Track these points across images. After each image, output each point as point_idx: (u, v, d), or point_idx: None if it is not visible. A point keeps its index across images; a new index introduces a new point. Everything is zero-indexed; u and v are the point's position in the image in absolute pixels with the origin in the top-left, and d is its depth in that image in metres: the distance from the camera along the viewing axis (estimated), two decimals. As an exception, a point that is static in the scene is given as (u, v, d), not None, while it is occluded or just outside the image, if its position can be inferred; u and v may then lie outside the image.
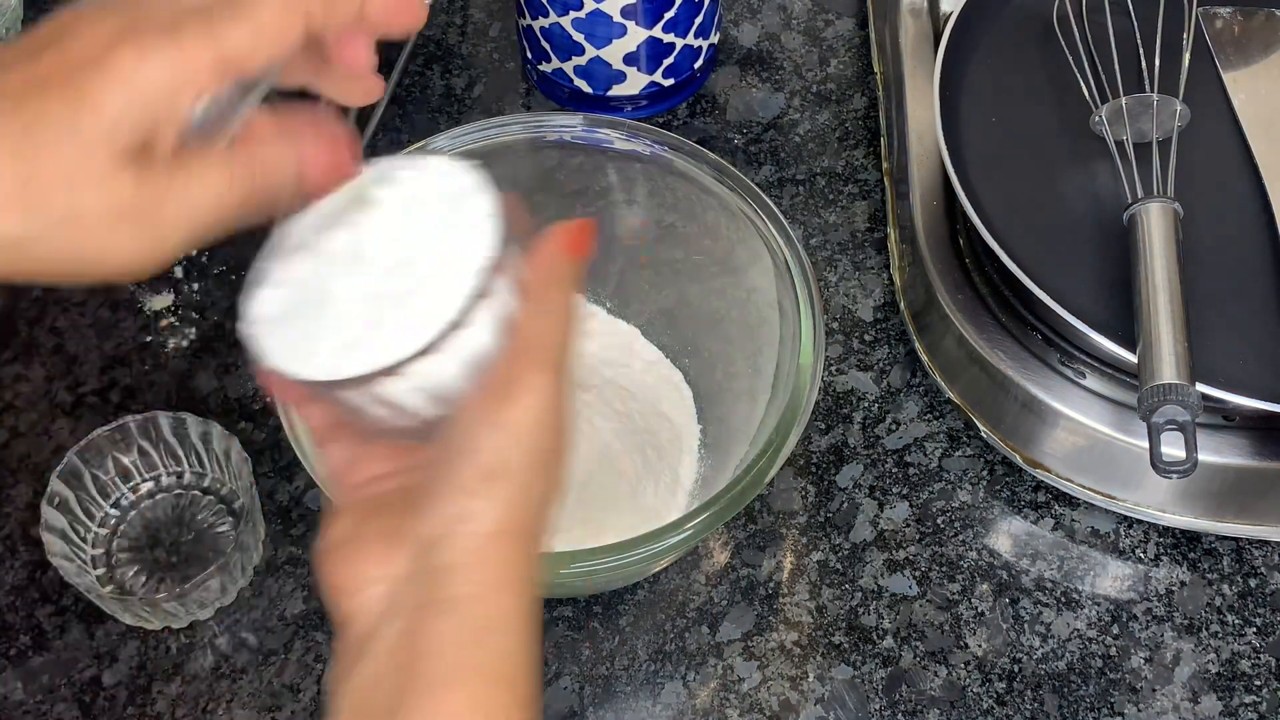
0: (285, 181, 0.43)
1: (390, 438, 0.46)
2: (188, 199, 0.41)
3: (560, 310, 0.44)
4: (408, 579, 0.41)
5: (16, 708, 0.65)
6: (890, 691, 0.66)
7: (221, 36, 0.40)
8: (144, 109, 0.39)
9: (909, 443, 0.73)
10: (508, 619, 0.41)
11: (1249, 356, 0.65)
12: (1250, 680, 0.66)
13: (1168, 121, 0.70)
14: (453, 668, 0.40)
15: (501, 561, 0.41)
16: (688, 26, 0.80)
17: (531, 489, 0.42)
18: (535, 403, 0.42)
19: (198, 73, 0.40)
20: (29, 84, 0.39)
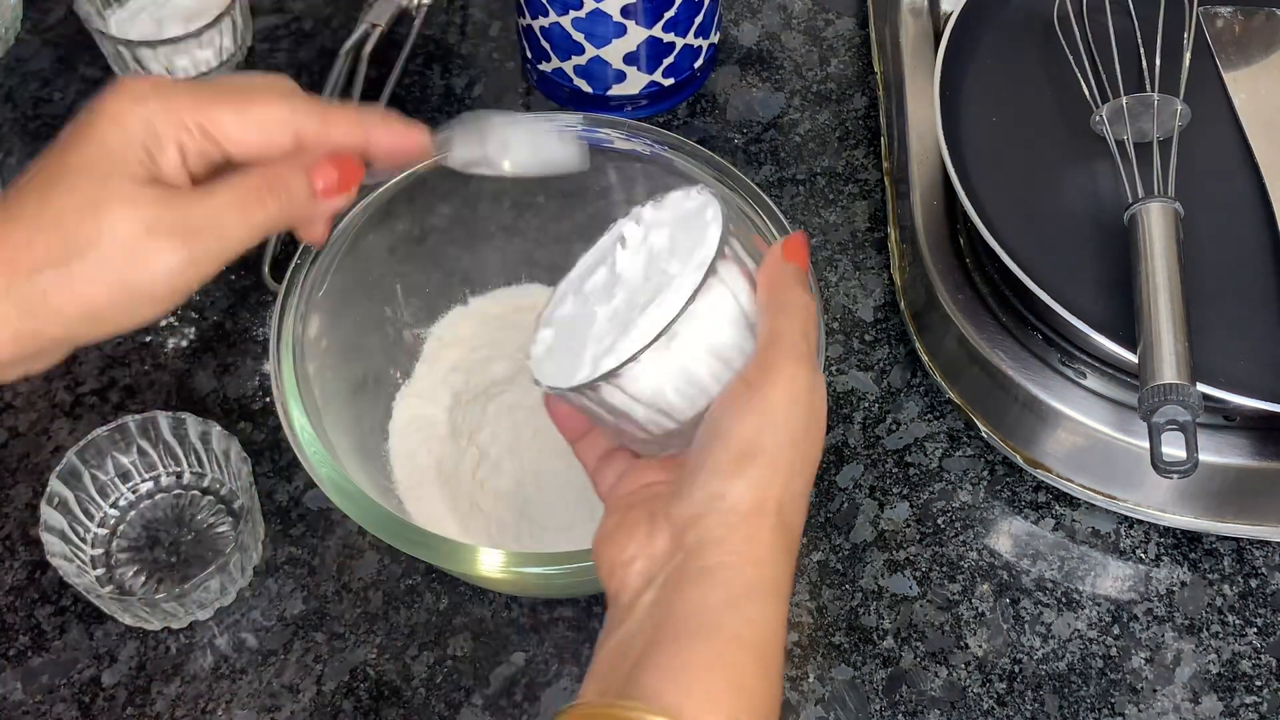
0: (298, 193, 0.47)
1: (655, 448, 0.50)
2: (213, 202, 0.45)
3: (801, 308, 0.47)
4: (667, 556, 0.44)
5: (16, 708, 0.65)
6: (891, 692, 0.66)
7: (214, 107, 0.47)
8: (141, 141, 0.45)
9: (909, 443, 0.73)
10: (759, 589, 0.43)
11: (1249, 356, 0.65)
12: (1251, 680, 0.66)
13: (1168, 121, 0.70)
14: (701, 625, 0.42)
15: (754, 536, 0.44)
16: (688, 26, 0.80)
17: (785, 469, 0.45)
18: (788, 389, 0.45)
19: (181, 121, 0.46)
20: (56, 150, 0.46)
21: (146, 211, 0.45)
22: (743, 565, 0.43)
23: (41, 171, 0.46)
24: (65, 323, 0.46)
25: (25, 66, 0.88)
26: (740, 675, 0.42)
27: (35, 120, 0.86)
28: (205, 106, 0.46)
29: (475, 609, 0.68)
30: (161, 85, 0.46)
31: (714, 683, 0.41)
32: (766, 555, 0.44)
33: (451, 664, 0.66)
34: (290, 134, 0.47)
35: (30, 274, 0.44)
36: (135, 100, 0.46)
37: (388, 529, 0.58)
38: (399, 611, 0.68)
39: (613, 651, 0.44)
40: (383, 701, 0.65)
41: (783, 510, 0.45)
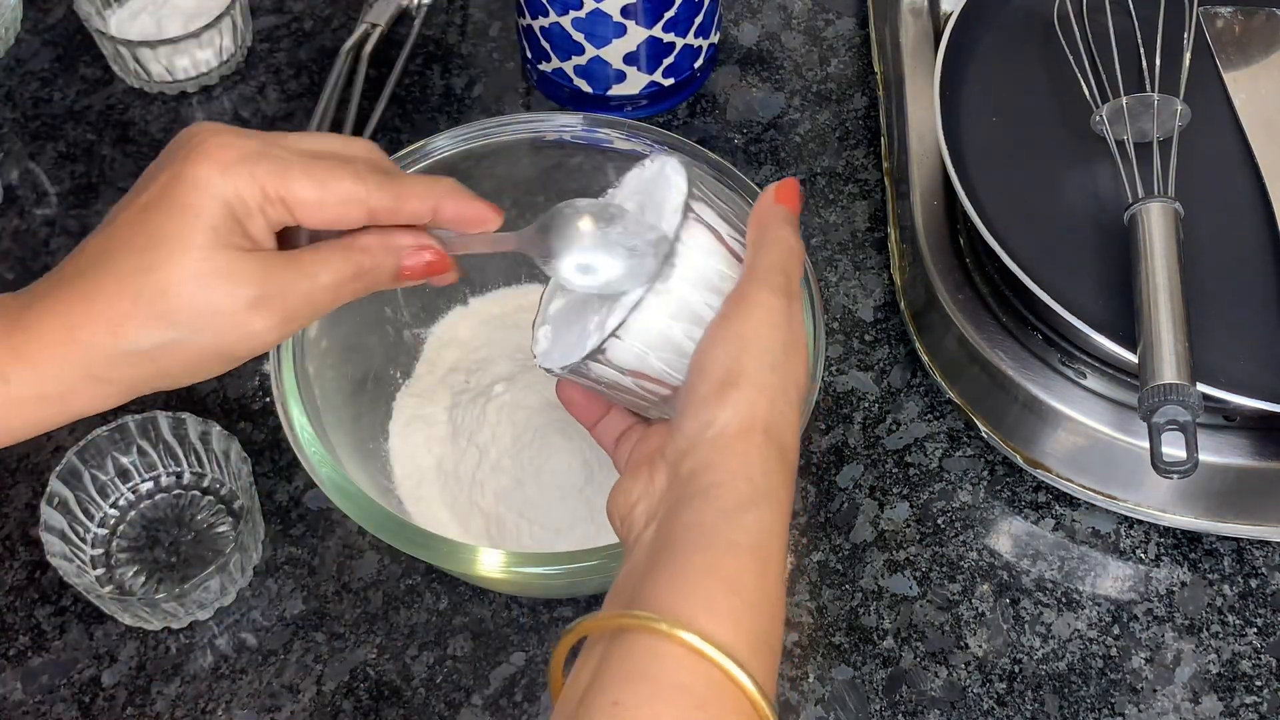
0: (386, 274, 0.50)
1: (669, 409, 0.52)
2: (313, 280, 0.48)
3: (782, 244, 0.50)
4: (665, 491, 0.47)
5: (16, 708, 0.65)
6: (891, 692, 0.66)
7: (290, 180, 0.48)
8: (231, 210, 0.46)
9: (909, 443, 0.73)
10: (753, 501, 0.45)
11: (1249, 356, 0.65)
12: (1251, 681, 0.66)
13: (1168, 121, 0.70)
14: (697, 538, 0.44)
15: (745, 455, 0.45)
16: (688, 26, 0.80)
17: (768, 390, 0.47)
18: (763, 317, 0.47)
19: (265, 193, 0.47)
20: (139, 210, 0.47)
21: (250, 290, 0.47)
22: (735, 481, 0.45)
23: (131, 237, 0.46)
24: (167, 380, 0.48)
25: (25, 66, 0.88)
26: (737, 577, 0.43)
27: (35, 120, 0.86)
28: (287, 181, 0.47)
29: (475, 609, 0.68)
30: (245, 153, 0.47)
31: (711, 587, 0.43)
32: (758, 471, 0.46)
33: (451, 664, 0.66)
34: (364, 212, 0.49)
35: (136, 343, 0.46)
36: (221, 169, 0.46)
37: (388, 529, 0.58)
38: (399, 611, 0.68)
39: (619, 584, 0.45)
40: (383, 701, 0.65)
41: (770, 430, 0.46)
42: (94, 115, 0.86)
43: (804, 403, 0.51)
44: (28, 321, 0.46)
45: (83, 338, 0.46)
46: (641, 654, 0.42)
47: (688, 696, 0.41)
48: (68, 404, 0.47)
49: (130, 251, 0.46)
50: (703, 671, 0.41)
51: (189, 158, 0.47)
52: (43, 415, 0.47)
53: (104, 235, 0.47)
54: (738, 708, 0.42)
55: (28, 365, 0.46)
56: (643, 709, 0.41)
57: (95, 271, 0.46)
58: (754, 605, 0.43)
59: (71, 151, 0.84)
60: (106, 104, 0.87)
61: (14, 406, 0.47)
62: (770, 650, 0.44)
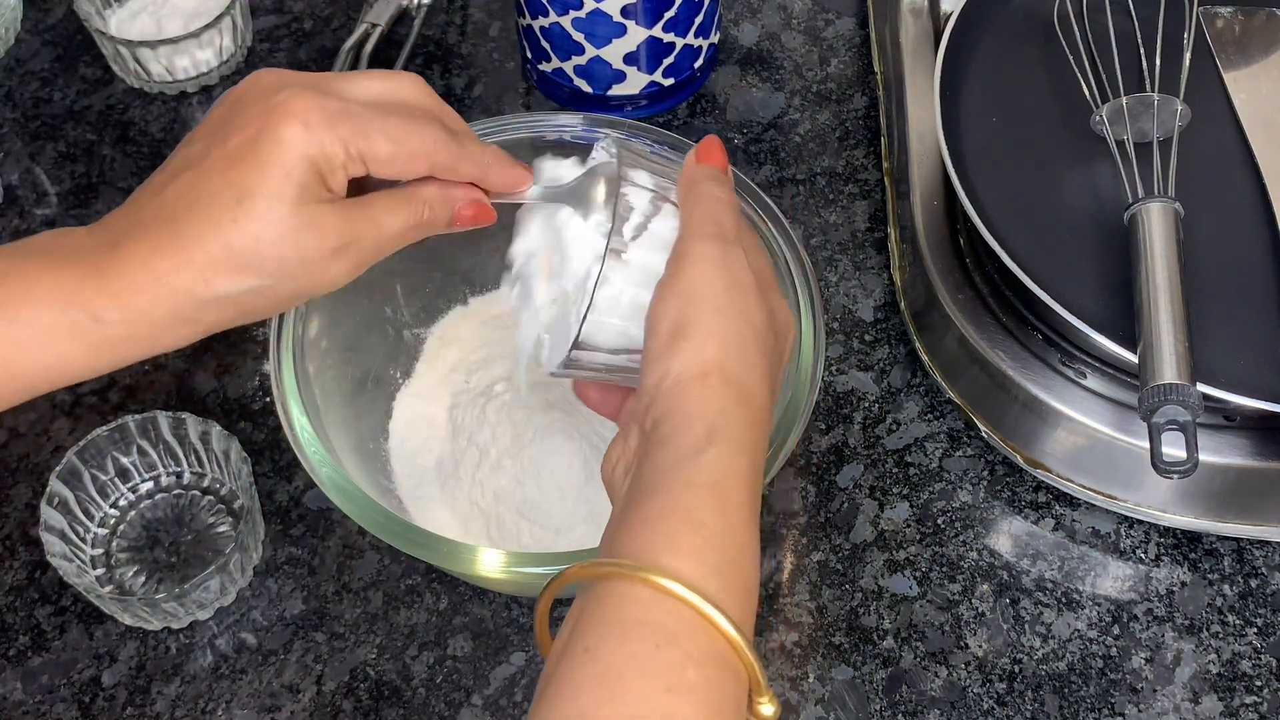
0: (441, 223, 0.54)
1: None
2: (382, 228, 0.52)
3: (707, 197, 0.51)
4: (637, 447, 0.48)
5: (16, 708, 0.65)
6: (891, 692, 0.66)
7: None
8: (316, 167, 0.49)
9: (909, 443, 0.73)
10: (710, 440, 0.46)
11: (1249, 356, 0.65)
12: (1251, 681, 0.66)
13: (1168, 121, 0.70)
14: (657, 484, 0.45)
15: (700, 398, 0.47)
16: (688, 26, 0.80)
17: (718, 334, 0.48)
18: (700, 267, 0.49)
19: (346, 150, 0.50)
20: (226, 159, 0.49)
21: (333, 240, 0.50)
22: (691, 424, 0.46)
23: (221, 189, 0.49)
24: (248, 318, 0.52)
25: (25, 66, 0.88)
26: (696, 513, 0.44)
27: (35, 120, 0.86)
28: (368, 138, 0.50)
29: (475, 609, 0.68)
30: (329, 114, 0.49)
31: (672, 525, 0.44)
32: (715, 411, 0.46)
33: (451, 664, 0.66)
34: (428, 165, 0.52)
35: (226, 290, 0.49)
36: (308, 129, 0.49)
37: (388, 529, 0.58)
38: (399, 611, 0.68)
39: (601, 540, 0.47)
40: (383, 701, 0.65)
41: (726, 371, 0.47)
42: (94, 115, 0.86)
43: (778, 340, 0.51)
44: (119, 263, 0.48)
45: (173, 283, 0.48)
46: (610, 599, 0.43)
47: (657, 633, 0.42)
48: (153, 343, 0.50)
49: (221, 205, 0.48)
50: (670, 608, 0.42)
51: (275, 116, 0.49)
52: (129, 353, 0.50)
53: (187, 181, 0.49)
54: (710, 641, 0.42)
55: (120, 308, 0.48)
56: (615, 651, 0.42)
57: (184, 219, 0.48)
58: (717, 540, 0.44)
59: (71, 151, 0.84)
60: (106, 104, 0.87)
61: (106, 346, 0.49)
62: (742, 582, 0.44)
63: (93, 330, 0.48)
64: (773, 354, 0.50)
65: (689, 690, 0.41)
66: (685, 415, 0.46)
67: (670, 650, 0.42)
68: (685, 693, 0.41)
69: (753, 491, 0.46)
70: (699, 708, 0.41)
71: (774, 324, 0.51)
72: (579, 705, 0.41)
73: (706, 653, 0.42)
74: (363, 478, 0.63)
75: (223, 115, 0.51)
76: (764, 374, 0.49)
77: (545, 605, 0.47)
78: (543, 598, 0.47)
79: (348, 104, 0.50)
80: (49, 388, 0.50)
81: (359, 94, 0.52)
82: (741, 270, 0.49)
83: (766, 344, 0.49)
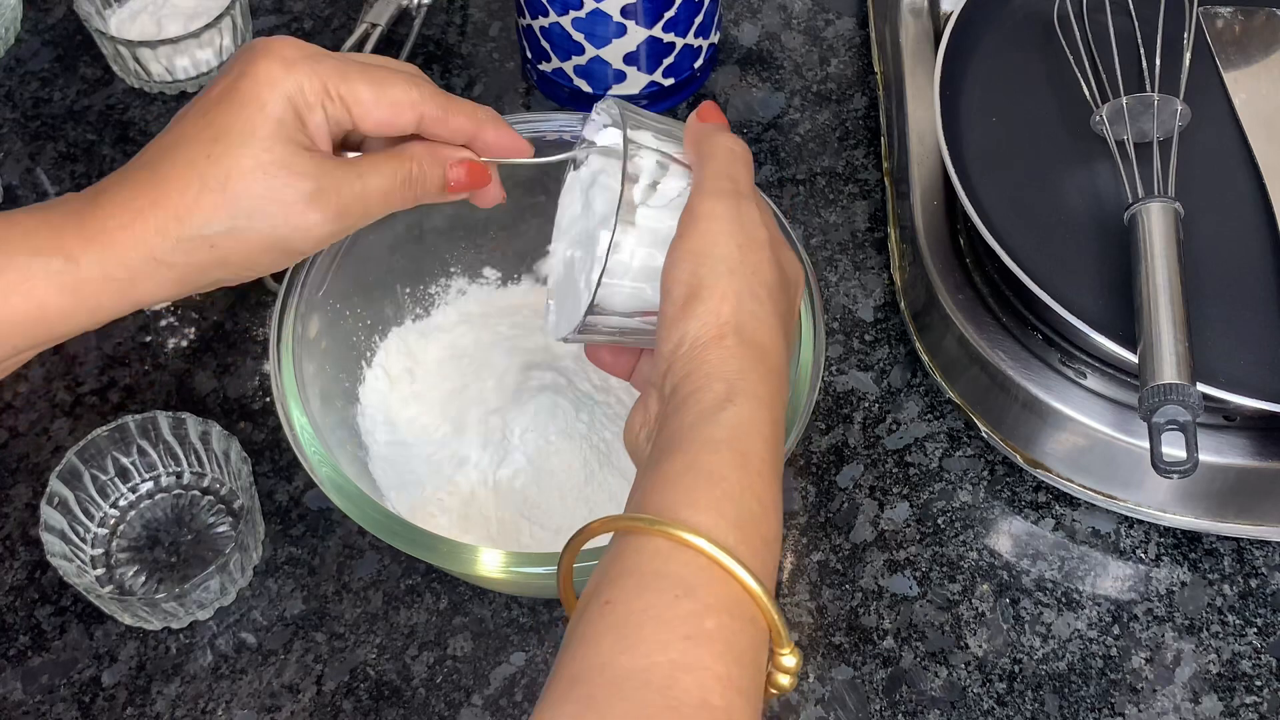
0: (433, 184, 0.53)
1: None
2: (364, 185, 0.51)
3: (719, 149, 0.50)
4: (658, 413, 0.48)
5: (16, 708, 0.65)
6: (891, 692, 0.66)
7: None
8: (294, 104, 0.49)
9: (909, 443, 0.73)
10: (729, 399, 0.46)
11: (1249, 356, 0.65)
12: (1251, 681, 0.66)
13: (1168, 121, 0.70)
14: (677, 444, 0.45)
15: (717, 359, 0.46)
16: (688, 26, 0.80)
17: (731, 295, 0.47)
18: (712, 226, 0.48)
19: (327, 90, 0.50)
20: (206, 106, 0.49)
21: (308, 183, 0.49)
22: (710, 385, 0.46)
23: (199, 131, 0.49)
24: (226, 270, 0.51)
25: (25, 66, 0.88)
26: (716, 470, 0.44)
27: (35, 120, 0.86)
28: (348, 80, 0.50)
29: (475, 609, 0.68)
30: (308, 53, 0.50)
31: (691, 482, 0.44)
32: (733, 371, 0.46)
33: (451, 664, 0.66)
34: (416, 116, 0.51)
35: (200, 228, 0.49)
36: (286, 66, 0.49)
37: (388, 529, 0.58)
38: (399, 611, 0.68)
39: (624, 507, 0.47)
40: (383, 701, 0.65)
41: (742, 330, 0.47)
42: (94, 115, 0.86)
43: (789, 294, 0.51)
44: (96, 208, 0.49)
45: (148, 222, 0.48)
46: (630, 552, 0.43)
47: (675, 584, 0.42)
48: (132, 288, 0.50)
49: (197, 143, 0.49)
50: (689, 560, 0.42)
51: (254, 57, 0.49)
52: (106, 299, 0.49)
53: (171, 132, 0.50)
54: (729, 591, 0.42)
55: (96, 247, 0.48)
56: (632, 602, 0.42)
57: (162, 162, 0.49)
58: (736, 495, 0.44)
59: (71, 151, 0.84)
60: (106, 104, 0.87)
61: (81, 288, 0.49)
62: (760, 536, 0.44)
63: (68, 273, 0.48)
64: (785, 309, 0.50)
65: (707, 638, 0.41)
66: (704, 376, 0.46)
67: (689, 600, 0.42)
68: (703, 641, 0.41)
69: (773, 448, 0.46)
70: (717, 655, 0.41)
71: (784, 279, 0.50)
72: (599, 655, 0.41)
73: (725, 603, 0.42)
74: (362, 477, 0.63)
75: (214, 78, 0.52)
76: (778, 330, 0.49)
77: (568, 564, 0.47)
78: (565, 556, 0.47)
79: (331, 53, 0.50)
80: (28, 344, 0.50)
81: (348, 55, 0.52)
82: (755, 226, 0.49)
83: (779, 300, 0.49)
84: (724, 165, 0.50)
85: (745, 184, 0.50)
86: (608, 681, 0.40)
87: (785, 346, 0.49)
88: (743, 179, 0.50)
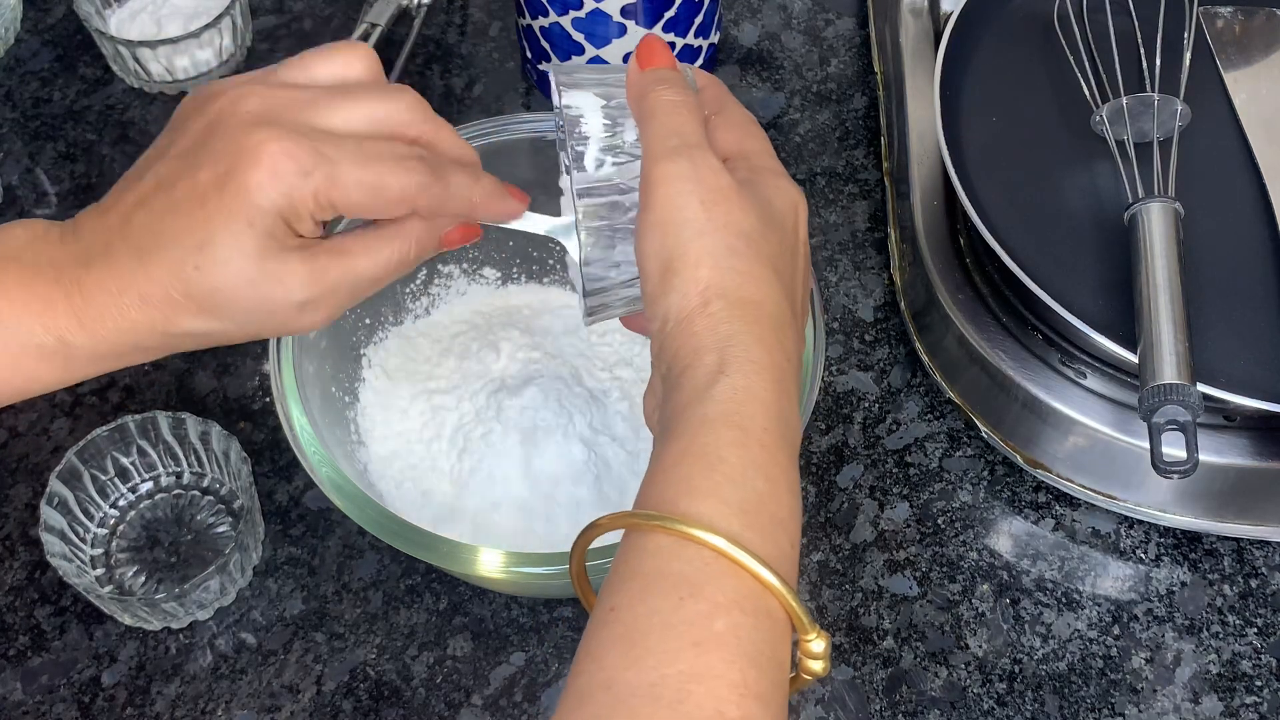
0: (428, 252, 0.52)
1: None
2: (360, 274, 0.50)
3: (664, 106, 0.48)
4: (661, 395, 0.46)
5: (16, 708, 0.65)
6: (891, 692, 0.66)
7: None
8: (283, 216, 0.47)
9: (909, 443, 0.73)
10: (723, 370, 0.43)
11: (1249, 356, 0.65)
12: (1251, 681, 0.66)
13: (1168, 121, 0.70)
14: (673, 429, 0.43)
15: (703, 330, 0.44)
16: (688, 26, 0.80)
17: (706, 259, 0.45)
18: (669, 192, 0.46)
19: (316, 200, 0.48)
20: (190, 198, 0.47)
21: (298, 292, 0.48)
22: (699, 358, 0.44)
23: (182, 232, 0.47)
24: (203, 346, 0.51)
25: (25, 66, 0.88)
26: (713, 450, 0.42)
27: (35, 120, 0.86)
28: (340, 185, 0.47)
29: (475, 609, 0.68)
30: (300, 161, 0.47)
31: (688, 469, 0.42)
32: (724, 337, 0.44)
33: (451, 664, 0.66)
34: (408, 210, 0.50)
35: (187, 329, 0.49)
36: (274, 177, 0.47)
37: (387, 529, 0.58)
38: (399, 611, 0.68)
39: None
40: (383, 701, 0.65)
41: (727, 292, 0.45)
42: (94, 115, 0.86)
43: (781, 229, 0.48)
44: (85, 288, 0.48)
45: (135, 318, 0.48)
46: (633, 553, 0.41)
47: (679, 585, 0.40)
48: (119, 362, 0.50)
49: (183, 248, 0.47)
50: (692, 555, 0.40)
51: (245, 160, 0.47)
52: (96, 371, 0.50)
53: (155, 211, 0.48)
54: (738, 584, 0.40)
55: (87, 335, 0.48)
56: (636, 608, 0.40)
57: (151, 254, 0.48)
58: (738, 474, 0.42)
59: (71, 151, 0.84)
60: (106, 104, 0.87)
61: (73, 365, 0.50)
62: (770, 516, 0.42)
63: (60, 352, 0.49)
64: (776, 249, 0.47)
65: (718, 642, 0.39)
66: (693, 351, 0.44)
67: (695, 602, 0.40)
68: (714, 646, 0.39)
69: (777, 414, 0.44)
70: (730, 660, 0.39)
71: (769, 216, 0.47)
72: (605, 670, 0.39)
73: (735, 598, 0.40)
74: (361, 477, 0.63)
75: (198, 134, 0.49)
76: (768, 277, 0.46)
77: (579, 566, 0.46)
78: (574, 557, 0.45)
79: (323, 146, 0.47)
80: (17, 399, 0.50)
81: (341, 123, 0.49)
82: (715, 176, 0.46)
83: (765, 242, 0.46)
84: (667, 122, 0.47)
85: (694, 133, 0.47)
86: (615, 699, 0.38)
87: (782, 292, 0.46)
88: (689, 129, 0.47)
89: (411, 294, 0.72)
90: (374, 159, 0.48)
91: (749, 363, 0.44)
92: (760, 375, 0.44)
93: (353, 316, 0.69)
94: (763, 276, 0.45)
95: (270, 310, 0.48)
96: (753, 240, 0.46)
